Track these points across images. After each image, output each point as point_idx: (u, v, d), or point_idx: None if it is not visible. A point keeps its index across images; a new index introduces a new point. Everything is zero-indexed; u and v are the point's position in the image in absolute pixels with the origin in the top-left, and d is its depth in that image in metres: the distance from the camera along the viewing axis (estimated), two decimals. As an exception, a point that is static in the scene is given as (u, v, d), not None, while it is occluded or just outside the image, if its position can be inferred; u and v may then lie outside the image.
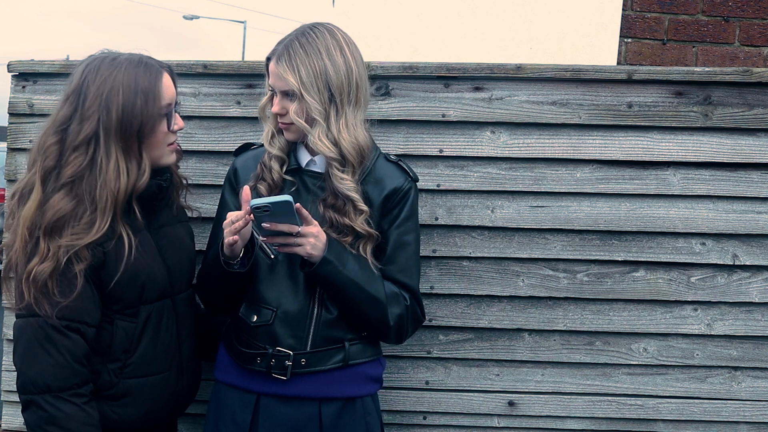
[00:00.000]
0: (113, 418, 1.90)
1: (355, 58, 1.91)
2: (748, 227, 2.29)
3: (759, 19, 2.98)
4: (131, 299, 1.88)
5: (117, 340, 1.89)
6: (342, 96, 1.88)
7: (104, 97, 1.81)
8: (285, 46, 1.89)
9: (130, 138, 1.83)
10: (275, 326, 1.92)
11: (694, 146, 2.27)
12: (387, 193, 1.95)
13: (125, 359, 1.90)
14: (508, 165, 2.29)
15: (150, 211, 1.95)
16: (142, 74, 1.84)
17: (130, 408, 1.92)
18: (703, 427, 2.35)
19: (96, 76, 1.83)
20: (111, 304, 1.87)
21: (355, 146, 1.89)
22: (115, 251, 1.84)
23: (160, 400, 1.96)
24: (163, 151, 1.91)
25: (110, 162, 1.81)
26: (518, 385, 2.35)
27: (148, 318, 1.92)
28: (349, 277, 1.88)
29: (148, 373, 1.93)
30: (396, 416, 2.37)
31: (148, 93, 1.83)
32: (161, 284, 1.94)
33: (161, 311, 1.94)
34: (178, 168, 2.08)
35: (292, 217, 1.80)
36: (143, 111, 1.82)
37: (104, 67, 1.85)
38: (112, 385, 1.89)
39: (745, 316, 2.32)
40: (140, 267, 1.88)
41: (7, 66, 2.34)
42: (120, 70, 1.83)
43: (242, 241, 1.88)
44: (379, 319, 1.94)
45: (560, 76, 2.26)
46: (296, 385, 1.93)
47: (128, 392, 1.91)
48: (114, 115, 1.81)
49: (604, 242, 2.31)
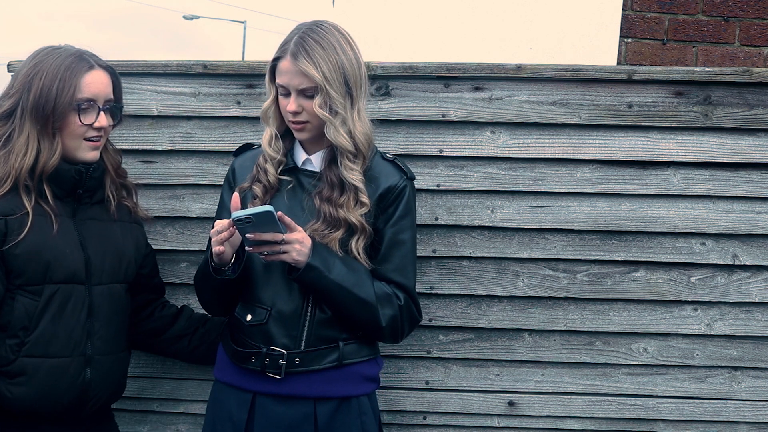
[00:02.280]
0: (8, 396, 1.92)
1: (358, 52, 1.95)
2: (748, 227, 2.29)
3: (759, 19, 2.98)
4: (34, 276, 1.92)
5: (16, 316, 1.91)
6: (356, 88, 1.91)
7: (29, 78, 1.94)
8: (298, 44, 1.88)
9: (44, 120, 1.92)
10: (269, 325, 1.93)
11: (694, 146, 2.27)
12: (381, 192, 1.95)
13: (24, 336, 1.92)
14: (508, 165, 2.29)
15: (76, 199, 2.01)
16: (69, 64, 1.94)
17: (24, 387, 1.92)
18: (703, 427, 2.35)
19: (32, 60, 1.97)
20: (13, 278, 1.91)
21: (367, 136, 1.93)
22: (18, 225, 1.91)
23: (59, 386, 1.95)
24: (78, 144, 1.97)
25: (20, 138, 1.93)
26: (518, 385, 2.35)
27: (50, 298, 1.94)
28: (335, 281, 1.89)
29: (46, 354, 1.93)
30: (396, 416, 2.37)
31: (66, 81, 1.92)
32: (72, 268, 1.96)
33: (68, 295, 1.96)
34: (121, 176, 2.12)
35: (275, 226, 1.81)
36: (57, 98, 1.92)
37: (43, 54, 1.98)
38: (9, 361, 1.92)
39: (745, 316, 2.32)
40: (46, 245, 1.92)
41: (7, 66, 2.33)
42: (52, 58, 1.95)
43: (232, 249, 1.91)
44: (370, 321, 1.94)
45: (560, 76, 2.26)
46: (291, 384, 1.93)
47: (24, 370, 1.92)
48: (32, 95, 1.92)
49: (604, 242, 2.31)
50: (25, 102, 1.93)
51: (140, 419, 2.38)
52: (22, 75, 1.95)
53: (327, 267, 1.88)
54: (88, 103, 1.95)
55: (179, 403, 2.38)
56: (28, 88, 1.93)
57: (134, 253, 2.12)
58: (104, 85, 1.98)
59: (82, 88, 1.94)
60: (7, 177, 1.91)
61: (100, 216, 2.06)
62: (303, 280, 1.89)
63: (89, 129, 1.96)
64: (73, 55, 1.96)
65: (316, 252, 1.88)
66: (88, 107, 1.95)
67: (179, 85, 2.31)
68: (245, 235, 1.83)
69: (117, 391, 2.11)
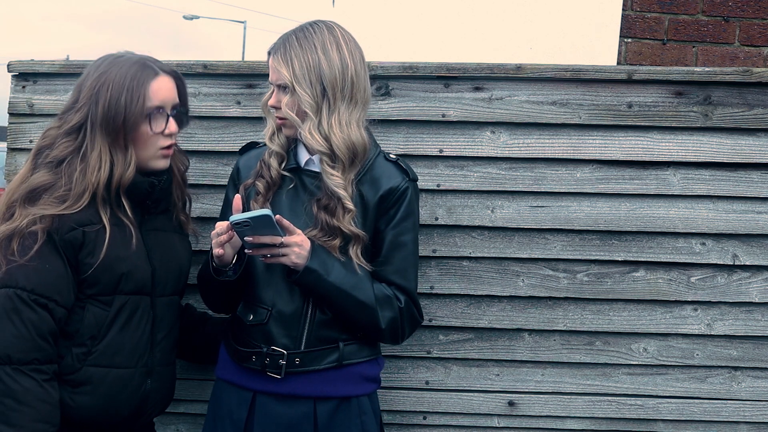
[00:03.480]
0: (70, 405, 1.91)
1: (353, 56, 1.92)
2: (748, 227, 2.29)
3: (759, 19, 2.98)
4: (107, 286, 1.91)
5: (86, 325, 1.91)
6: (335, 91, 1.88)
7: (96, 90, 1.90)
8: (282, 40, 1.92)
9: (115, 132, 1.89)
10: (270, 325, 1.94)
11: (694, 146, 2.27)
12: (382, 194, 1.95)
13: (91, 345, 1.91)
14: (508, 165, 2.29)
15: (144, 210, 1.99)
16: (134, 73, 1.90)
17: (87, 397, 1.92)
18: (703, 427, 2.35)
19: (96, 71, 1.93)
20: (86, 288, 1.90)
21: (347, 143, 1.89)
22: (96, 236, 1.88)
23: (120, 397, 1.95)
24: (152, 154, 1.95)
25: (94, 152, 1.89)
26: (518, 385, 2.35)
27: (120, 308, 1.93)
28: (333, 284, 1.89)
29: (111, 365, 1.93)
30: (396, 416, 2.37)
31: (134, 91, 1.89)
32: (141, 280, 1.95)
33: (136, 306, 1.95)
34: (185, 183, 2.11)
35: (274, 229, 1.81)
36: (126, 108, 1.88)
37: (106, 63, 1.93)
38: (74, 370, 1.91)
39: (745, 316, 2.32)
40: (121, 257, 1.91)
41: (7, 66, 2.34)
42: (117, 67, 1.91)
43: (233, 250, 1.92)
44: (369, 323, 1.94)
45: (560, 76, 2.26)
46: (291, 383, 1.93)
47: (89, 380, 1.91)
48: (100, 108, 1.88)
49: (604, 242, 2.31)
50: (94, 115, 1.89)
51: (140, 419, 2.38)
52: (88, 87, 1.91)
53: (326, 270, 1.89)
54: (158, 111, 1.92)
55: (179, 403, 2.37)
56: (95, 100, 1.89)
57: (188, 265, 2.11)
58: (170, 90, 1.95)
59: (151, 96, 1.90)
60: (85, 191, 1.88)
61: (163, 226, 2.05)
62: (302, 282, 1.90)
63: (161, 137, 1.94)
64: (137, 63, 1.92)
65: (315, 255, 1.88)
66: (158, 115, 1.92)
67: (179, 85, 2.31)
68: (244, 238, 1.84)
69: (169, 402, 2.12)
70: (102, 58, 1.96)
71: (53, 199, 1.87)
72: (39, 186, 1.89)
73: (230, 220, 1.81)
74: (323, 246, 1.90)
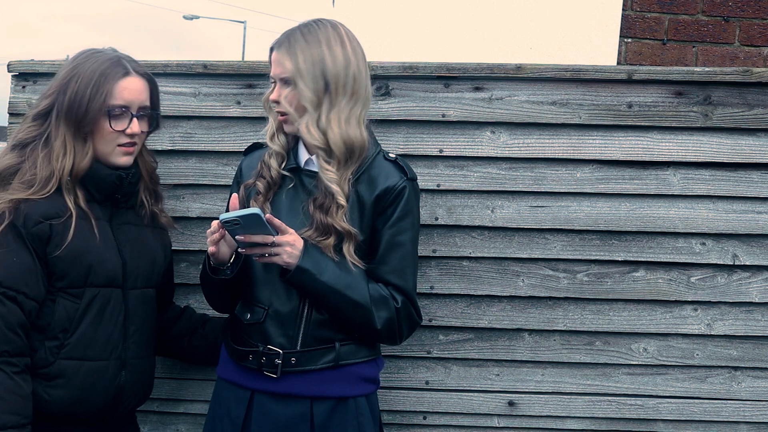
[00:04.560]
0: (45, 399, 1.92)
1: (356, 53, 1.92)
2: (748, 227, 2.29)
3: (759, 19, 2.98)
4: (76, 278, 1.93)
5: (57, 318, 1.92)
6: (337, 87, 1.89)
7: (66, 81, 1.94)
8: (287, 35, 1.92)
9: (76, 123, 1.93)
10: (267, 325, 1.94)
11: (694, 146, 2.27)
12: (379, 193, 1.94)
13: (63, 338, 1.93)
14: (508, 165, 2.29)
15: (113, 204, 2.01)
16: (104, 70, 1.94)
17: (62, 390, 1.93)
18: (703, 427, 2.35)
19: (72, 62, 1.97)
20: (55, 281, 1.92)
21: (345, 140, 1.89)
22: (62, 228, 1.91)
23: (95, 390, 1.96)
24: (111, 150, 1.97)
25: (57, 140, 1.93)
26: (518, 385, 2.35)
27: (91, 301, 1.95)
28: (326, 284, 1.89)
29: (84, 357, 1.94)
30: (396, 416, 2.36)
31: (99, 87, 1.92)
32: (111, 272, 1.97)
33: (107, 298, 1.97)
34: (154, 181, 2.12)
35: (265, 228, 1.81)
36: (89, 102, 1.92)
37: (83, 56, 1.98)
38: (48, 363, 1.92)
39: (745, 316, 2.32)
40: (89, 249, 1.93)
41: (7, 66, 2.34)
42: (90, 62, 1.95)
43: (229, 249, 1.93)
44: (364, 323, 1.94)
45: (560, 76, 2.26)
46: (288, 383, 1.93)
47: (62, 373, 1.93)
48: (66, 98, 1.93)
49: (604, 242, 2.31)
50: (60, 104, 1.93)
51: (140, 419, 2.37)
52: (61, 77, 1.96)
53: (318, 269, 1.88)
54: (121, 110, 1.94)
55: (179, 403, 2.38)
56: (64, 90, 1.93)
57: (163, 259, 2.13)
58: (139, 92, 1.97)
59: (115, 94, 1.93)
60: (52, 176, 1.92)
61: (134, 221, 2.07)
62: (294, 282, 1.89)
63: (121, 135, 1.96)
64: (109, 60, 1.95)
65: (307, 254, 1.88)
66: (120, 113, 1.95)
67: (179, 85, 2.31)
68: (235, 237, 1.84)
69: (146, 394, 2.13)
70: (83, 50, 2.01)
71: (21, 183, 1.91)
72: (6, 168, 1.93)
73: (220, 218, 1.81)
74: (317, 246, 1.90)
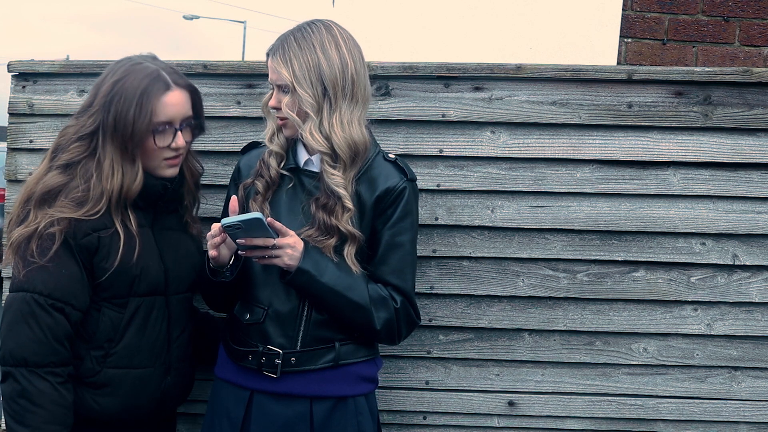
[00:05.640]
0: (94, 407, 1.94)
1: (352, 54, 1.91)
2: (748, 227, 2.29)
3: (759, 19, 2.98)
4: (121, 289, 1.93)
5: (102, 328, 1.93)
6: (336, 90, 1.88)
7: (108, 99, 1.90)
8: (281, 41, 1.92)
9: (123, 144, 1.90)
10: (266, 325, 1.94)
11: (694, 146, 2.27)
12: (379, 194, 1.94)
13: (109, 348, 1.94)
14: (508, 165, 2.29)
15: (155, 210, 2.00)
16: (146, 87, 1.89)
17: (110, 398, 1.94)
18: (703, 427, 2.35)
19: (113, 76, 1.93)
20: (100, 291, 1.92)
21: (349, 142, 1.89)
22: (110, 241, 1.90)
23: (142, 395, 1.98)
24: (157, 164, 1.96)
25: (106, 160, 1.90)
26: (518, 385, 2.35)
27: (136, 310, 1.95)
28: (327, 285, 1.89)
29: (130, 365, 1.96)
30: (396, 416, 2.37)
31: (142, 107, 1.88)
32: (155, 280, 1.97)
33: (151, 306, 1.97)
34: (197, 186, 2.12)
35: (266, 231, 1.82)
36: (134, 123, 1.88)
37: (123, 70, 1.93)
38: (94, 372, 1.93)
39: (745, 316, 2.32)
40: (134, 262, 1.92)
41: (7, 66, 2.34)
42: (131, 77, 1.90)
43: (229, 251, 1.93)
44: (364, 324, 1.94)
45: (560, 76, 2.26)
46: (287, 382, 1.94)
47: (109, 382, 1.94)
48: (111, 119, 1.89)
49: (604, 242, 2.31)
50: (105, 124, 1.90)
51: (140, 419, 2.38)
52: (102, 93, 1.92)
53: (319, 271, 1.89)
54: (165, 126, 1.92)
55: (179, 403, 2.38)
56: (108, 109, 1.90)
57: (200, 263, 2.11)
58: (181, 105, 1.94)
59: (159, 111, 1.90)
60: (103, 196, 1.90)
61: (175, 226, 2.07)
62: (294, 283, 1.90)
63: (166, 149, 1.94)
64: (149, 76, 1.91)
65: (307, 256, 1.88)
66: (164, 130, 1.92)
67: (179, 85, 2.31)
68: (236, 241, 1.85)
69: (187, 394, 2.15)
70: (122, 61, 1.96)
71: (69, 202, 1.89)
72: (54, 187, 1.90)
73: (222, 223, 1.81)
74: (317, 247, 1.90)
